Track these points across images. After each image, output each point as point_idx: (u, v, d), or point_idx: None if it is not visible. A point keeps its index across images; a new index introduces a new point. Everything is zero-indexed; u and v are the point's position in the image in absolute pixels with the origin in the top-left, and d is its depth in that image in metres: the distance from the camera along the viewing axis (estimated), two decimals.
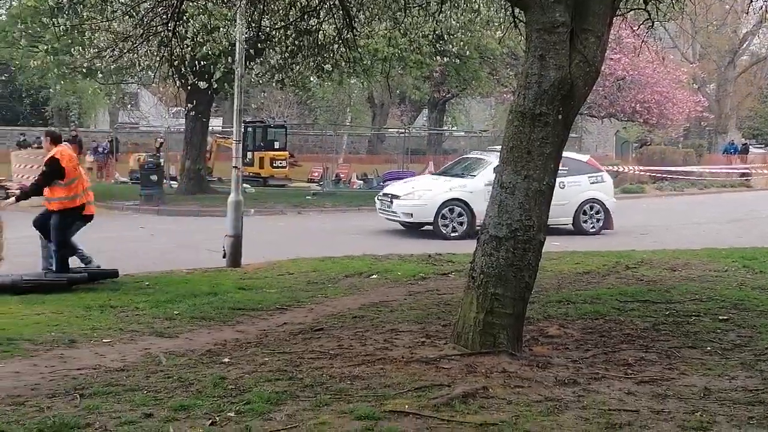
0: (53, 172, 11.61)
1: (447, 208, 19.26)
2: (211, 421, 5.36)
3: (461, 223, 19.26)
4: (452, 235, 19.06)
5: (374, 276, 12.65)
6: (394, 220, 20.24)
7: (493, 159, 20.07)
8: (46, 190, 11.73)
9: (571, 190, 19.65)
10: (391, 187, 21.33)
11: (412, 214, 19.55)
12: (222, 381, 6.35)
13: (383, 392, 6.01)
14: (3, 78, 37.71)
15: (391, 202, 20.04)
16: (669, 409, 5.76)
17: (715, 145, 52.95)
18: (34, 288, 10.82)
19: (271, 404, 5.71)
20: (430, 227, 19.30)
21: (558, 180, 22.01)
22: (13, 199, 12.17)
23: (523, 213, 7.04)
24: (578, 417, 5.55)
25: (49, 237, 11.91)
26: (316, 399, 5.84)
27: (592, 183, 20.51)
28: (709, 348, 7.72)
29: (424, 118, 51.58)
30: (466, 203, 19.28)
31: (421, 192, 19.83)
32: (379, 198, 20.92)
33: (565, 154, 21.50)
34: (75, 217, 11.90)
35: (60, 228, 11.69)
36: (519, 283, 7.10)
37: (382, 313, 9.56)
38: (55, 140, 12.12)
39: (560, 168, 20.78)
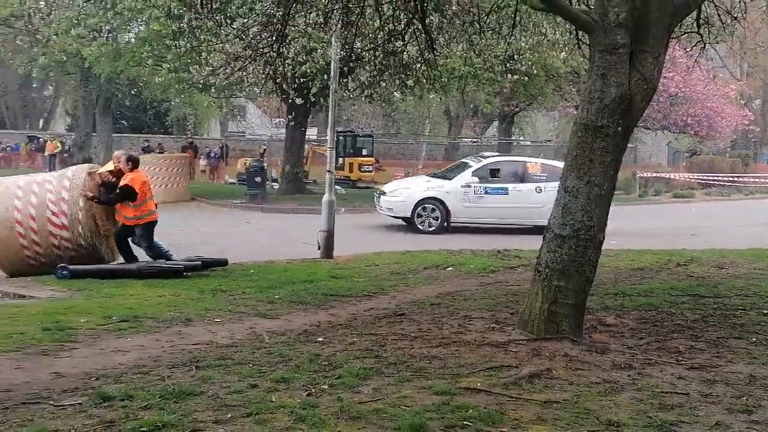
0: (126, 196, 11.84)
1: (422, 206, 19.36)
2: (307, 392, 5.41)
3: (436, 219, 19.28)
4: (428, 229, 19.14)
5: (449, 268, 12.61)
6: (383, 214, 20.43)
7: (474, 163, 20.38)
8: (117, 206, 11.98)
9: (548, 194, 19.07)
10: (386, 185, 21.49)
11: (392, 209, 19.78)
12: (317, 357, 6.40)
13: (458, 371, 5.99)
14: (132, 92, 38.57)
15: (380, 197, 20.29)
16: (717, 393, 5.62)
17: (759, 155, 51.51)
18: (155, 274, 11.04)
19: (360, 379, 5.73)
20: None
21: (536, 185, 22.18)
22: (91, 194, 12.05)
23: (584, 214, 6.95)
24: (633, 398, 5.45)
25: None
26: (398, 375, 5.85)
27: None
28: (754, 339, 7.50)
29: (495, 129, 51.21)
30: (441, 201, 19.30)
31: (402, 190, 19.99)
32: (375, 194, 21.14)
33: (547, 161, 21.13)
34: (152, 227, 12.18)
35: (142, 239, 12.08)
36: (580, 277, 7.01)
37: (456, 301, 9.53)
38: (135, 165, 12.14)
39: (540, 174, 20.82)
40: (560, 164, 21.34)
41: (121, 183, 11.87)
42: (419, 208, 19.34)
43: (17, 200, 11.54)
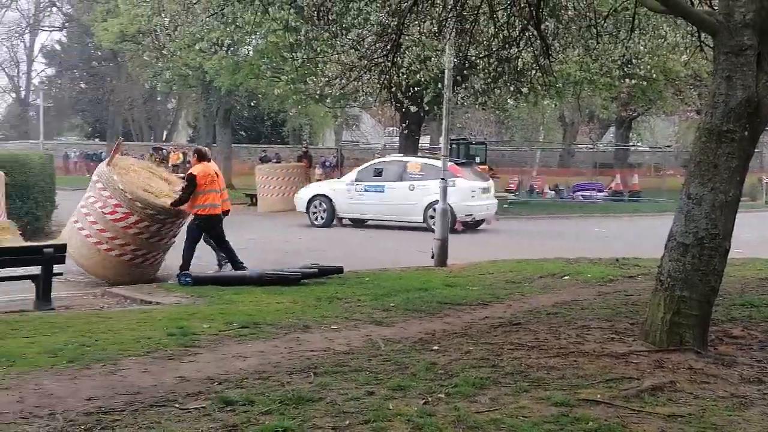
0: (189, 184, 12.15)
1: (313, 203, 21.76)
2: (424, 400, 5.41)
3: (324, 213, 21.57)
4: (319, 223, 21.52)
5: (566, 277, 12.38)
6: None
7: (363, 164, 22.59)
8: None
9: (419, 192, 20.11)
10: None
11: (296, 205, 22.53)
12: (433, 366, 6.39)
13: (577, 382, 5.87)
14: (250, 104, 39.60)
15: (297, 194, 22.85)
16: None
17: None
18: (274, 281, 11.26)
19: (476, 388, 5.69)
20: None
21: (408, 183, 22.39)
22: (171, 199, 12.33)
23: (709, 222, 6.71)
24: (764, 413, 5.21)
25: (211, 242, 12.64)
26: (515, 385, 5.78)
27: None
28: None
29: (611, 135, 50.11)
30: (329, 198, 21.55)
31: (305, 189, 22.96)
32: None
33: (429, 161, 20.93)
34: (212, 222, 12.33)
35: (190, 231, 12.26)
36: (705, 286, 6.76)
37: (573, 310, 9.34)
38: (201, 157, 12.53)
39: (418, 173, 20.33)
40: (438, 163, 21.00)
41: (187, 173, 12.44)
42: (311, 205, 21.79)
43: (75, 223, 12.02)
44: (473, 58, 11.81)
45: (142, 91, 49.54)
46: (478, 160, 35.71)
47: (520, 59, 11.54)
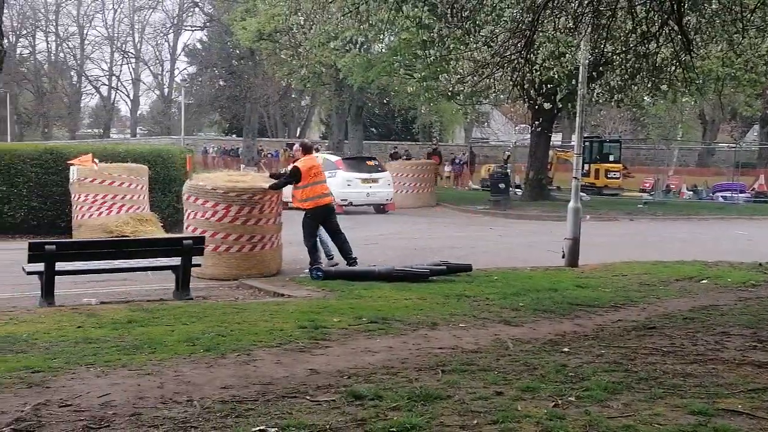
0: (292, 176, 12.34)
1: None
2: (554, 403, 5.31)
3: None
4: None
5: (704, 281, 11.90)
6: None
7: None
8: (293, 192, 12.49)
9: None
10: None
11: None
12: (563, 368, 6.27)
13: (716, 391, 5.63)
14: (383, 101, 40.01)
15: None
16: None
17: None
18: (402, 277, 11.32)
19: (608, 393, 5.54)
20: None
21: None
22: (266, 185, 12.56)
23: None
24: None
25: (321, 236, 12.70)
26: (650, 392, 5.59)
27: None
28: None
29: (755, 134, 47.87)
30: None
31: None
32: None
33: (329, 156, 23.58)
34: (322, 213, 12.44)
35: (304, 225, 12.39)
36: None
37: (712, 316, 8.98)
38: (306, 150, 12.70)
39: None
40: (332, 157, 24.83)
41: (291, 165, 12.65)
42: None
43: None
44: (609, 54, 11.49)
45: (277, 88, 50.91)
46: (611, 158, 34.93)
47: (658, 55, 11.14)
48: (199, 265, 10.84)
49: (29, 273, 9.76)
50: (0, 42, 3.63)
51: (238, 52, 52.58)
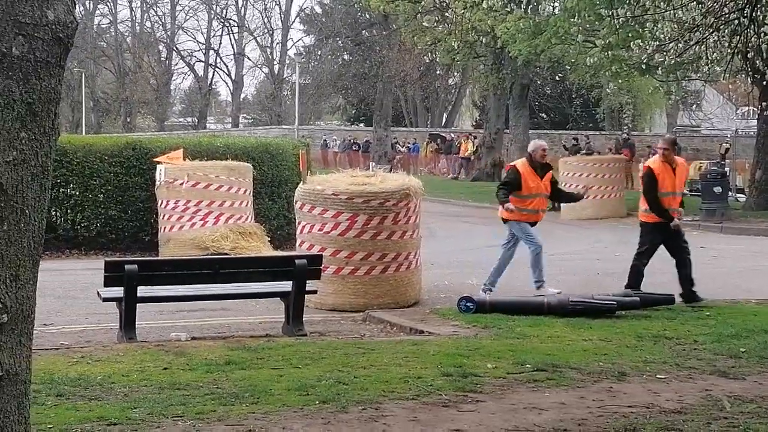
0: (510, 183, 12.60)
1: None
2: None
3: None
4: None
5: None
6: None
7: None
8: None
9: None
10: None
11: None
12: None
13: None
14: (555, 78, 39.77)
15: None
16: None
17: None
18: (581, 311, 11.17)
19: None
20: None
21: None
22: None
23: None
24: None
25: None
26: None
27: None
28: None
29: None
30: None
31: None
32: None
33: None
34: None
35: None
36: None
37: None
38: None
39: None
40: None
41: (507, 165, 12.61)
42: None
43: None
44: None
45: (417, 63, 51.25)
46: None
47: None
48: (315, 292, 11.04)
49: (106, 299, 10.18)
50: (71, 11, 3.80)
51: (368, 16, 53.45)
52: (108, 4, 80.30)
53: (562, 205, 27.58)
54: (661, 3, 11.48)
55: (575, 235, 22.51)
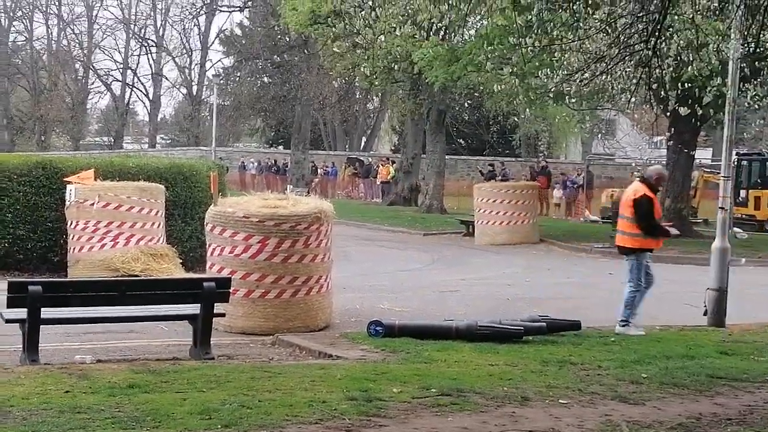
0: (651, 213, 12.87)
1: None
2: None
3: None
4: None
5: None
6: None
7: None
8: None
9: None
10: None
11: None
12: None
13: None
14: (471, 105, 40.14)
15: None
16: None
17: None
18: (488, 336, 11.27)
19: None
20: None
21: None
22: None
23: None
24: None
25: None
26: None
27: None
28: None
29: None
30: None
31: None
32: None
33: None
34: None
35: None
36: None
37: None
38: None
39: None
40: None
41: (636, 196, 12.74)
42: None
43: None
44: None
45: (336, 87, 51.35)
46: None
47: None
48: (223, 315, 10.99)
49: (8, 321, 10.02)
50: None
51: (287, 39, 53.41)
52: (23, 21, 79.53)
53: (476, 230, 27.91)
54: (569, 34, 11.68)
55: (488, 261, 22.68)
